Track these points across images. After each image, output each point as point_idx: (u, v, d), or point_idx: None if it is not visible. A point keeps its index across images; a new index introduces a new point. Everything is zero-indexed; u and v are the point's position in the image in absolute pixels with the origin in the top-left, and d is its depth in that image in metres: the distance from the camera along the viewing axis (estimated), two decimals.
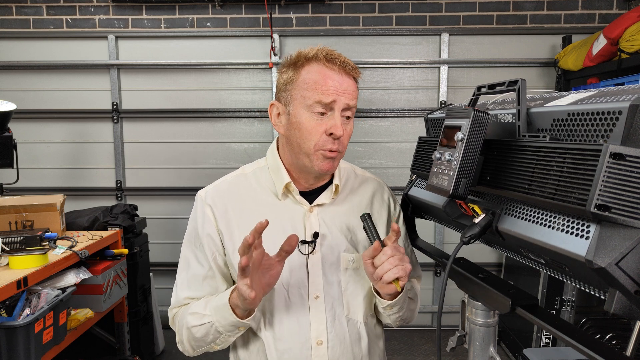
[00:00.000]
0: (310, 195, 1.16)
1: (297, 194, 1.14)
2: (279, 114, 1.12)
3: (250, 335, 1.14)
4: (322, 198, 1.16)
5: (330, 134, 1.04)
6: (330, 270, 1.13)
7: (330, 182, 1.19)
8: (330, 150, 1.06)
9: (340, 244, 1.14)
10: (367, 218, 1.04)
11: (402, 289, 1.05)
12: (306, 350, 1.10)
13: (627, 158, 0.57)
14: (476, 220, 0.83)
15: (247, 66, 3.57)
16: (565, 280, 0.74)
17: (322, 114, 1.04)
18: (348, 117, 1.08)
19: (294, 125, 1.07)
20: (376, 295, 1.12)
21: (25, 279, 1.85)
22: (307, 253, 1.12)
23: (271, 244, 1.04)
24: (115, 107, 3.60)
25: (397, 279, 0.99)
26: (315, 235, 1.13)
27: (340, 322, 1.12)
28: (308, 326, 1.10)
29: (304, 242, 1.12)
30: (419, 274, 1.33)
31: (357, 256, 1.15)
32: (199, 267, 1.15)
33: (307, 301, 1.11)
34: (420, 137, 1.21)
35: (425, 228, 3.54)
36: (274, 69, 3.54)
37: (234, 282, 1.16)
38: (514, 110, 0.81)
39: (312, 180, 1.15)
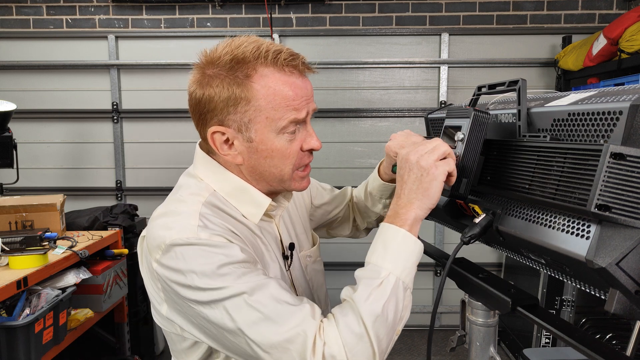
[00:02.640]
0: None
1: (274, 210, 0.99)
2: (227, 140, 0.88)
3: None
4: (283, 203, 1.03)
5: (309, 150, 0.91)
6: (300, 275, 1.06)
7: None
8: (307, 165, 0.93)
9: (296, 245, 1.06)
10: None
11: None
12: None
13: (628, 158, 0.57)
14: (476, 220, 0.83)
15: None
16: (565, 280, 0.74)
17: (295, 132, 0.88)
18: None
19: (264, 154, 0.87)
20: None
21: (25, 279, 1.85)
22: (288, 269, 1.01)
23: (274, 274, 0.94)
24: (115, 107, 3.60)
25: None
26: (291, 246, 1.02)
27: None
28: None
29: (284, 256, 1.01)
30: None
31: (310, 251, 1.11)
32: (259, 271, 0.83)
33: None
34: None
35: (425, 228, 3.54)
36: None
37: None
38: (515, 110, 0.81)
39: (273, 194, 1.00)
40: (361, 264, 0.86)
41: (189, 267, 0.79)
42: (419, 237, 0.84)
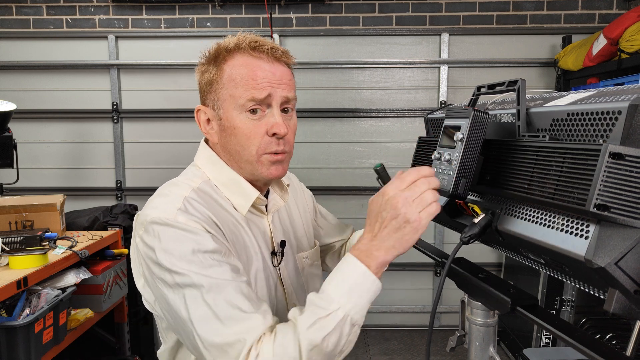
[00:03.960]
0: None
1: (263, 204, 1.02)
2: (208, 119, 0.98)
3: None
4: (278, 202, 1.07)
5: (274, 134, 0.92)
6: (294, 275, 1.08)
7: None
8: (276, 153, 0.93)
9: (293, 246, 1.10)
10: (383, 168, 1.02)
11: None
12: None
13: (627, 158, 0.57)
14: (476, 220, 0.83)
15: None
16: (565, 280, 0.74)
17: (258, 111, 0.91)
18: (288, 111, 0.96)
19: (229, 131, 0.93)
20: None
21: (25, 279, 1.85)
22: (277, 265, 1.04)
23: (256, 266, 0.97)
24: (115, 107, 3.60)
25: None
26: (283, 243, 1.05)
27: None
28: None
29: (273, 253, 1.03)
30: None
31: (308, 252, 1.13)
32: (226, 266, 0.85)
33: (287, 313, 0.97)
34: (420, 137, 1.21)
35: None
36: None
37: None
38: (514, 110, 0.81)
39: (261, 185, 1.02)
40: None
41: (162, 246, 0.84)
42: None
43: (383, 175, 1.04)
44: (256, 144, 0.92)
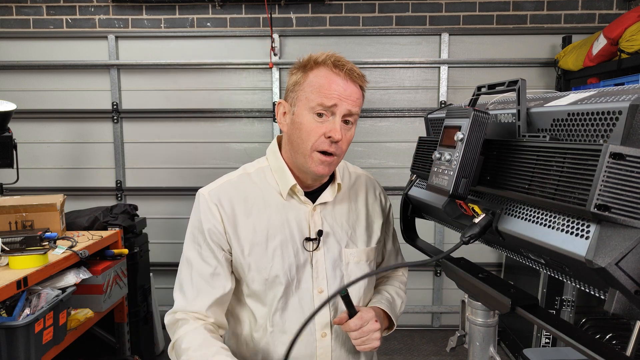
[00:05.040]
0: (312, 194, 1.20)
1: (302, 195, 1.17)
2: (284, 112, 1.16)
3: (257, 328, 1.18)
4: (325, 197, 1.20)
5: (329, 137, 1.07)
6: (332, 266, 1.19)
7: (330, 180, 1.23)
8: (326, 153, 1.08)
9: (342, 240, 1.21)
10: (347, 295, 1.11)
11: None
12: (312, 342, 1.16)
13: (627, 158, 0.57)
14: (476, 220, 0.83)
15: (247, 66, 3.57)
16: (565, 280, 0.74)
17: (323, 115, 1.07)
18: (349, 123, 1.11)
19: (296, 125, 1.10)
20: None
21: (25, 279, 1.85)
22: (311, 250, 1.17)
23: (278, 242, 1.14)
24: (115, 107, 3.60)
25: None
26: (320, 233, 1.17)
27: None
28: (313, 319, 1.16)
29: (308, 239, 1.17)
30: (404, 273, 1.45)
31: (357, 251, 1.22)
32: (204, 266, 1.14)
33: (312, 295, 1.16)
34: (420, 137, 1.21)
35: (425, 228, 3.54)
36: (274, 69, 3.54)
37: (237, 282, 1.20)
38: (514, 110, 0.81)
39: (311, 180, 1.18)
40: None
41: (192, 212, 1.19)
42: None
43: (347, 302, 1.13)
44: (312, 140, 1.08)
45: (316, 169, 1.10)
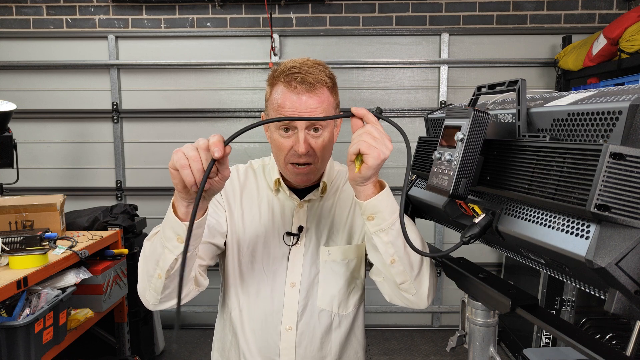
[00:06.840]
0: (303, 192, 1.24)
1: (286, 190, 1.22)
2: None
3: (226, 313, 1.26)
4: (311, 195, 1.23)
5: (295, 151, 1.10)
6: (309, 262, 1.21)
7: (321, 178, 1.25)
8: (298, 165, 1.11)
9: (321, 237, 1.23)
10: (381, 111, 1.06)
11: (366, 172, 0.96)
12: (275, 335, 1.20)
13: (627, 158, 0.57)
14: (476, 220, 0.83)
15: (247, 66, 3.57)
16: (565, 280, 0.74)
17: (289, 130, 1.09)
18: (318, 130, 1.10)
19: (270, 140, 1.15)
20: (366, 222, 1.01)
21: (25, 279, 1.85)
22: (290, 244, 1.21)
23: (261, 232, 1.21)
24: (115, 107, 3.60)
25: (361, 156, 0.95)
26: (300, 228, 1.22)
27: (312, 311, 1.20)
28: (281, 312, 1.20)
29: (289, 234, 1.21)
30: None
31: (336, 248, 1.22)
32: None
33: (284, 288, 1.20)
34: (420, 137, 1.21)
35: (425, 228, 3.54)
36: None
37: (223, 257, 1.25)
38: (514, 110, 0.81)
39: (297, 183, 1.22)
40: None
41: None
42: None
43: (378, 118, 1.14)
44: (284, 154, 1.11)
45: (294, 180, 1.16)
